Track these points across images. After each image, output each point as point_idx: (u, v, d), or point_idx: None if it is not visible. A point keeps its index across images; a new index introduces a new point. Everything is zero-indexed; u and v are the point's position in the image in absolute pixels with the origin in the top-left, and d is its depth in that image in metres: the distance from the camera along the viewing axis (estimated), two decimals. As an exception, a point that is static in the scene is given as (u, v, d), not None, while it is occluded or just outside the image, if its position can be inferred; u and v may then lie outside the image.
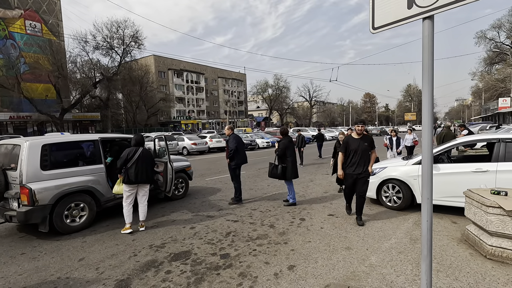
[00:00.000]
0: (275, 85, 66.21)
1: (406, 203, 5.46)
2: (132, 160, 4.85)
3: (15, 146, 4.99)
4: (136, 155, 4.89)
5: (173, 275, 3.38)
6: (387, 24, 1.86)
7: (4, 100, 33.90)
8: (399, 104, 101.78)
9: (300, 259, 3.67)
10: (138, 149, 4.98)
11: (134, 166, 4.82)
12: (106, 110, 39.41)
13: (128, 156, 4.87)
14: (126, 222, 4.92)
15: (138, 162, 4.85)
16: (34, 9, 36.95)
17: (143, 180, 4.93)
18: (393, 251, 3.79)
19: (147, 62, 50.54)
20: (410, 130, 11.59)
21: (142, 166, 4.89)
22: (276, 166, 6.20)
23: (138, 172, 4.84)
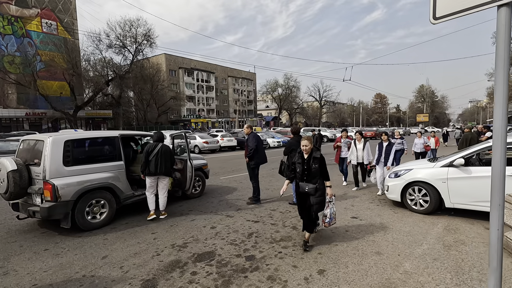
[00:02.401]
0: (285, 84, 65.93)
1: (434, 207, 5.24)
2: (152, 154, 5.29)
3: (38, 142, 4.99)
4: (156, 150, 5.32)
5: (200, 277, 3.29)
6: (453, 13, 1.71)
7: (21, 97, 34.77)
8: (411, 105, 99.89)
9: (329, 263, 3.53)
10: (158, 145, 5.40)
11: (154, 160, 5.26)
12: (118, 107, 39.88)
13: (148, 150, 5.33)
14: (150, 209, 5.44)
15: (158, 156, 5.28)
16: (50, 8, 37.72)
17: (162, 172, 5.33)
18: (427, 258, 3.60)
19: (158, 60, 50.94)
20: (420, 133, 10.37)
21: (161, 159, 5.29)
22: (283, 163, 6.26)
23: (158, 165, 5.27)
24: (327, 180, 3.87)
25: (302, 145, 3.84)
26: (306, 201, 3.91)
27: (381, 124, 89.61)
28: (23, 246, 4.32)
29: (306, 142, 3.84)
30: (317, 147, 3.92)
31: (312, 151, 3.86)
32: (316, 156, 3.83)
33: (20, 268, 3.60)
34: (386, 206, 5.99)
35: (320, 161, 3.83)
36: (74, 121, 33.71)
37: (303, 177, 3.87)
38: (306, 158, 3.85)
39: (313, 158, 3.82)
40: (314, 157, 3.83)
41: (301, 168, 3.88)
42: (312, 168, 3.80)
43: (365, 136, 7.92)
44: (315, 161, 3.81)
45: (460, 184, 4.95)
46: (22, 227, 5.16)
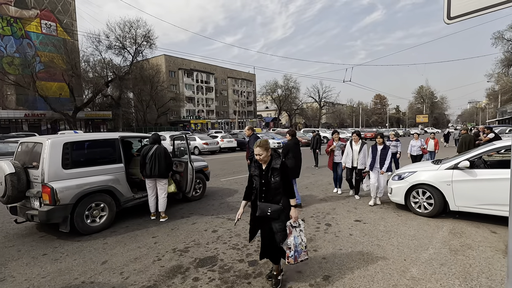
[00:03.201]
0: (285, 85, 65.89)
1: (438, 210, 5.17)
2: (148, 156, 5.31)
3: (37, 144, 4.91)
4: (151, 152, 5.33)
5: (202, 283, 3.21)
6: (468, 13, 1.64)
7: (20, 98, 34.64)
8: (411, 106, 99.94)
9: (334, 269, 3.45)
10: (154, 147, 5.39)
11: (149, 162, 5.28)
12: (117, 109, 39.81)
13: (144, 153, 5.32)
14: (150, 211, 5.53)
15: (153, 158, 5.29)
16: (50, 9, 37.65)
17: (156, 174, 5.29)
18: (434, 263, 3.53)
19: (158, 61, 50.90)
20: (418, 134, 9.66)
21: (156, 161, 5.28)
22: None
23: (153, 167, 5.27)
24: (292, 197, 2.93)
25: (255, 154, 2.92)
26: (267, 227, 2.98)
27: (380, 125, 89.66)
28: (21, 250, 4.23)
29: (258, 150, 2.88)
30: (278, 154, 3.01)
31: (271, 160, 2.95)
32: (275, 166, 2.89)
33: (17, 274, 3.51)
34: (389, 209, 5.92)
35: (282, 172, 2.88)
36: (73, 122, 33.61)
37: (261, 195, 2.95)
38: (264, 169, 2.95)
39: (272, 169, 2.90)
40: (273, 167, 2.90)
41: (259, 183, 2.96)
42: (272, 182, 2.88)
43: (365, 137, 7.79)
44: (274, 173, 2.88)
45: (465, 186, 4.89)
46: (21, 231, 5.08)
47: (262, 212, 2.92)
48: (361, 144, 6.55)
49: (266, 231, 3.00)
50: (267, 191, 2.93)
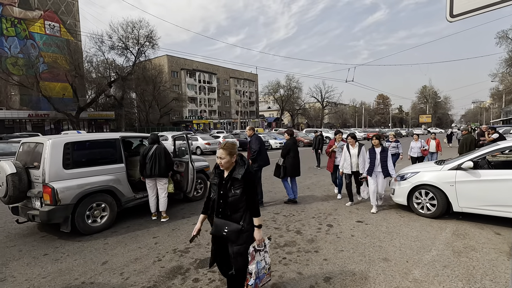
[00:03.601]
0: (287, 85, 65.81)
1: (441, 211, 5.11)
2: (148, 156, 5.34)
3: (38, 145, 4.92)
4: (150, 152, 5.36)
5: (202, 284, 3.19)
6: (472, 10, 1.60)
7: (24, 98, 34.88)
8: (414, 106, 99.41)
9: (335, 270, 3.42)
10: (153, 147, 5.41)
11: (149, 162, 5.30)
12: (120, 109, 39.97)
13: (143, 153, 5.41)
14: (151, 211, 5.54)
15: (152, 158, 5.31)
16: (53, 10, 37.90)
17: (156, 174, 5.31)
18: (436, 265, 3.48)
19: (160, 62, 51.04)
20: (417, 135, 9.38)
21: (156, 161, 5.30)
22: (279, 165, 6.48)
23: (152, 167, 5.29)
24: (256, 215, 2.43)
25: (216, 157, 2.47)
26: (225, 249, 2.51)
27: (383, 125, 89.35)
28: (22, 250, 4.24)
29: (220, 153, 2.41)
30: (244, 161, 2.46)
31: (234, 167, 2.43)
32: (236, 176, 2.37)
33: (18, 274, 3.51)
34: (392, 210, 5.87)
35: (246, 184, 2.37)
36: (76, 123, 33.78)
37: (218, 209, 2.45)
38: (225, 178, 2.45)
39: (232, 179, 2.40)
40: (233, 177, 2.39)
41: (216, 194, 2.45)
42: (230, 195, 2.38)
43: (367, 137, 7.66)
44: (235, 184, 2.38)
45: (469, 187, 4.83)
46: (22, 231, 5.09)
47: (217, 230, 2.43)
48: (359, 147, 6.09)
49: (223, 253, 2.54)
50: (224, 205, 2.41)
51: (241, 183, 2.37)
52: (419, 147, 9.03)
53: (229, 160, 2.41)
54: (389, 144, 9.04)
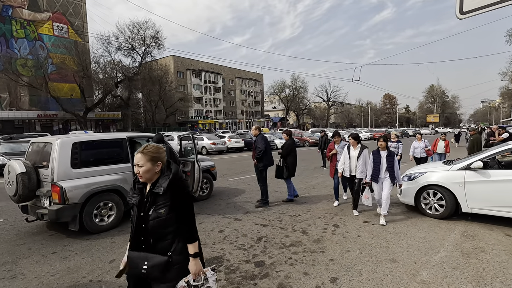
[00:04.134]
0: (292, 85, 65.67)
1: (450, 212, 5.04)
2: None
3: (47, 144, 4.99)
4: None
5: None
6: (483, 7, 1.57)
7: (33, 99, 35.51)
8: (421, 106, 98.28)
9: (341, 271, 3.39)
10: None
11: None
12: (126, 109, 40.38)
13: None
14: None
15: None
16: (61, 11, 38.45)
17: None
18: (445, 266, 3.43)
19: (166, 62, 51.39)
20: (420, 135, 8.90)
21: None
22: (281, 166, 6.54)
23: None
24: (190, 241, 1.83)
25: (134, 164, 1.83)
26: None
27: (390, 125, 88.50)
28: (32, 248, 4.31)
29: (138, 159, 1.79)
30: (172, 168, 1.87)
31: (158, 178, 1.83)
32: (157, 191, 1.78)
33: (27, 272, 3.57)
34: (399, 210, 5.80)
35: (173, 199, 1.79)
36: (84, 123, 34.24)
37: (137, 237, 1.85)
38: (146, 194, 1.85)
39: (153, 195, 1.80)
40: (154, 192, 1.80)
41: (135, 217, 1.86)
42: (150, 218, 1.78)
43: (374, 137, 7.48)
44: (158, 201, 1.79)
45: (478, 188, 4.75)
46: (31, 229, 5.17)
47: (132, 267, 1.83)
48: (360, 149, 5.49)
49: None
50: (145, 231, 1.79)
51: (166, 200, 1.77)
52: (422, 147, 8.64)
53: (150, 169, 1.78)
54: (390, 144, 8.67)
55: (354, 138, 5.64)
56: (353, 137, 5.67)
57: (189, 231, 1.84)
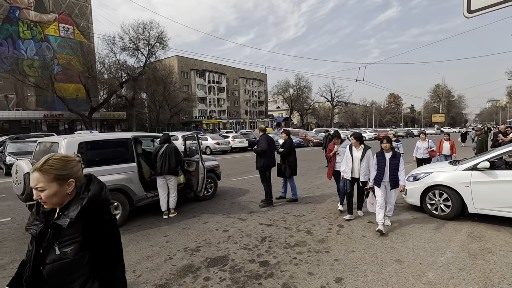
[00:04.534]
0: (296, 85, 65.52)
1: (456, 212, 4.99)
2: (158, 155, 5.54)
3: (53, 144, 5.06)
4: (161, 150, 5.56)
5: (213, 283, 3.21)
6: (491, 6, 1.55)
7: (39, 99, 35.92)
8: (426, 105, 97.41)
9: (346, 271, 3.38)
10: (164, 145, 5.62)
11: (159, 160, 5.50)
12: (131, 109, 40.66)
13: (155, 152, 5.66)
14: (161, 209, 5.65)
15: (163, 156, 5.50)
16: (67, 12, 38.83)
17: (166, 171, 5.48)
18: (451, 267, 3.40)
19: (170, 62, 51.61)
20: (424, 134, 8.47)
21: (166, 159, 5.48)
22: (282, 165, 6.60)
23: (162, 165, 5.47)
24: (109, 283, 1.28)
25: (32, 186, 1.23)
26: None
27: (394, 125, 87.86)
28: (39, 247, 4.36)
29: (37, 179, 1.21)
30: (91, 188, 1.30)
31: (71, 200, 1.29)
32: (61, 223, 1.21)
33: (35, 270, 3.61)
34: (404, 211, 5.76)
35: (87, 235, 1.23)
36: (89, 123, 34.53)
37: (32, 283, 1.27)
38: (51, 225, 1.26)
39: (54, 227, 1.23)
40: (55, 224, 1.24)
41: (32, 255, 1.28)
42: (48, 260, 1.21)
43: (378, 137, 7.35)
44: (64, 235, 1.22)
45: (485, 188, 4.69)
46: (38, 228, 5.23)
47: None
48: (364, 150, 5.10)
49: None
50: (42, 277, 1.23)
51: (76, 234, 1.22)
52: (425, 147, 8.16)
53: (57, 192, 1.24)
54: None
55: (356, 138, 5.15)
56: (355, 137, 5.18)
57: (110, 276, 1.28)
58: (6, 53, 32.92)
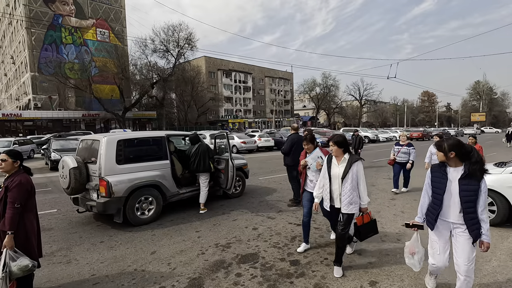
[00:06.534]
0: (323, 83, 64.27)
1: (502, 218, 4.63)
2: (191, 154, 5.84)
3: (94, 142, 5.39)
4: (193, 150, 5.86)
5: (244, 279, 3.25)
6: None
7: (78, 100, 38.52)
8: (464, 103, 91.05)
9: (381, 275, 3.27)
10: (195, 146, 5.88)
11: (192, 159, 5.81)
12: (161, 109, 42.26)
13: (188, 151, 5.99)
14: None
15: (195, 156, 5.79)
16: (104, 17, 41.21)
17: (199, 170, 5.79)
18: (498, 276, 3.17)
19: (198, 63, 52.89)
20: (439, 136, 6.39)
21: (197, 158, 5.76)
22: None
23: (195, 163, 5.77)
24: None
25: None
26: None
27: (428, 124, 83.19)
28: (82, 237, 4.68)
29: None
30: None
31: None
32: None
33: (80, 258, 3.89)
34: (442, 215, 5.44)
35: None
36: (123, 122, 36.43)
37: None
38: None
39: None
40: None
41: None
42: None
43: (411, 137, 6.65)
44: None
45: (537, 193, 4.30)
46: (81, 220, 5.62)
47: None
48: (348, 162, 3.18)
49: None
50: None
51: None
52: None
53: None
54: (399, 149, 7.24)
55: (338, 144, 3.21)
56: (336, 141, 3.22)
57: None
58: (51, 58, 35.65)
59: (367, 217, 3.37)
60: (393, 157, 7.31)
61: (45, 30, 36.32)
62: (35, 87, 36.09)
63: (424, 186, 2.78)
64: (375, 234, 3.49)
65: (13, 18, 38.62)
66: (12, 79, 46.21)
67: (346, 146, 3.28)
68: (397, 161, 7.24)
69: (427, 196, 2.76)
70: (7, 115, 33.90)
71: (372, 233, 3.45)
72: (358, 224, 3.31)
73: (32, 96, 36.14)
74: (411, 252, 2.94)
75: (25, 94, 39.30)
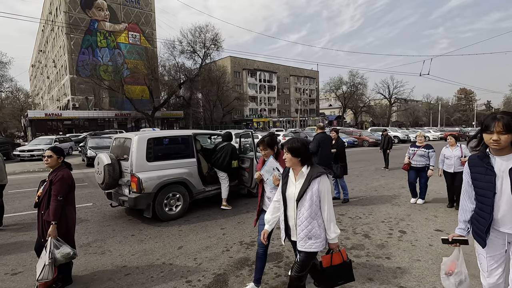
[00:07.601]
0: (350, 81, 62.43)
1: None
2: (217, 150, 6.13)
3: (126, 140, 5.67)
4: (219, 146, 6.14)
5: (268, 278, 3.27)
6: None
7: (112, 100, 40.71)
8: (507, 101, 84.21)
9: (411, 281, 3.14)
10: (224, 143, 6.07)
11: (216, 154, 6.07)
12: (188, 108, 43.49)
13: (216, 146, 6.31)
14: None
15: (219, 152, 6.03)
16: (135, 21, 43.18)
17: (217, 165, 6.03)
18: (545, 290, 2.90)
19: (224, 63, 53.72)
20: (454, 138, 5.86)
21: (221, 155, 5.96)
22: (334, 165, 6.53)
23: (216, 159, 6.02)
24: None
25: None
26: None
27: (465, 124, 78.00)
28: (115, 230, 4.96)
29: None
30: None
31: None
32: None
33: (113, 250, 4.12)
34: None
35: None
36: (152, 121, 37.97)
37: None
38: None
39: None
40: None
41: None
42: None
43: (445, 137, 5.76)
44: None
45: None
46: (114, 213, 5.95)
47: None
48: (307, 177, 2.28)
49: None
50: None
51: None
52: (458, 156, 5.62)
53: None
54: (414, 151, 6.15)
55: (292, 151, 2.30)
56: (290, 148, 2.31)
57: None
58: (87, 61, 38.05)
59: (338, 257, 2.39)
60: (407, 161, 6.20)
61: (82, 35, 38.83)
62: (74, 89, 38.72)
63: (463, 185, 2.11)
64: (348, 281, 2.47)
65: (55, 24, 41.64)
66: (54, 81, 49.90)
67: (304, 155, 2.30)
68: (412, 165, 6.15)
69: (468, 198, 2.05)
70: (49, 115, 36.72)
71: (343, 280, 2.43)
72: (324, 265, 2.36)
73: (71, 97, 38.82)
74: (448, 271, 2.25)
75: (64, 95, 42.29)
